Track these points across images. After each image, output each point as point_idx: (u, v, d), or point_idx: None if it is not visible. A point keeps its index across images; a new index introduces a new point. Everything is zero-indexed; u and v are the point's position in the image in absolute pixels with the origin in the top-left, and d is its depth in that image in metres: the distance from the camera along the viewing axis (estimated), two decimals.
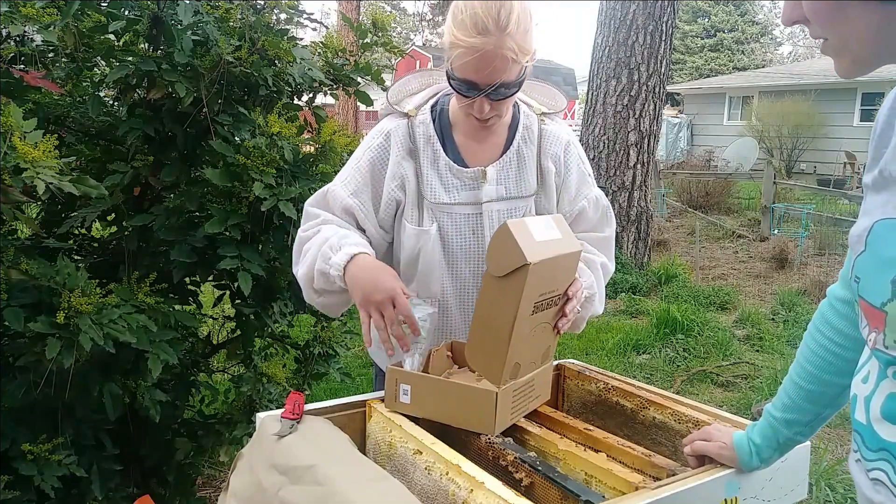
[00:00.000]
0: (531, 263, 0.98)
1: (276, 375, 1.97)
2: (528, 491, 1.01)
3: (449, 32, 1.14)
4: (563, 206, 1.34)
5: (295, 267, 1.27)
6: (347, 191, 1.27)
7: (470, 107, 1.19)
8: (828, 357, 0.91)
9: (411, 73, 1.36)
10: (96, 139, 1.84)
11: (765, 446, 0.99)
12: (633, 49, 5.89)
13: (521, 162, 1.30)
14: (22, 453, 1.45)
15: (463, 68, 1.13)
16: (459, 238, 1.28)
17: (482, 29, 1.09)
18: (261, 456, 1.09)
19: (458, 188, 1.28)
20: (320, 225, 1.25)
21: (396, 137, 1.27)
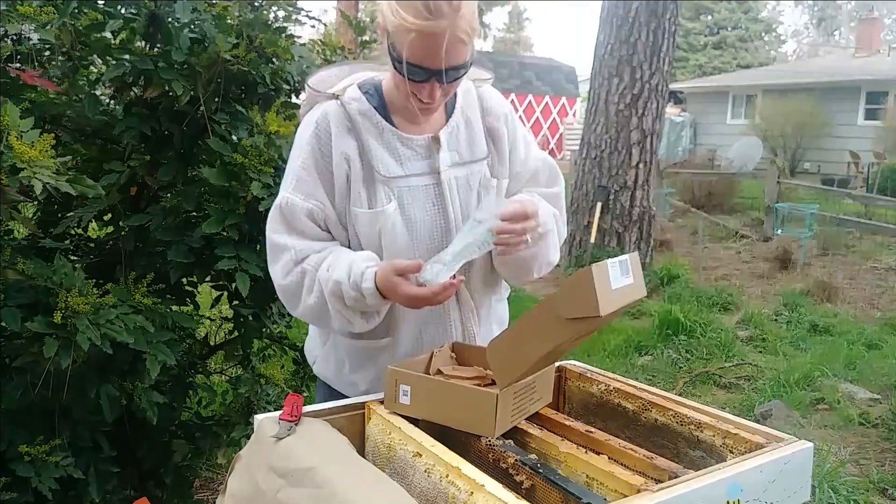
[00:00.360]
0: (602, 316, 0.96)
1: (274, 377, 1.96)
2: (529, 493, 0.99)
3: (393, 14, 1.06)
4: (516, 167, 1.31)
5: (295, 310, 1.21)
6: (300, 195, 1.17)
7: (419, 92, 1.12)
8: None
9: (327, 68, 1.29)
10: (93, 138, 1.83)
11: None
12: (635, 47, 5.87)
13: (469, 125, 1.26)
14: (19, 455, 1.45)
15: (414, 53, 1.06)
16: (422, 212, 1.21)
17: (435, 11, 1.04)
18: (259, 458, 1.08)
19: (410, 158, 1.21)
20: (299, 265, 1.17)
21: (333, 117, 1.18)
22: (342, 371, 1.30)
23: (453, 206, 1.22)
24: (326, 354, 1.32)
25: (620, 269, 1.01)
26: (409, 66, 1.08)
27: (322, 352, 1.33)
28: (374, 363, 1.27)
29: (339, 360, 1.30)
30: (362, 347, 1.27)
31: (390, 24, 1.08)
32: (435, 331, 1.27)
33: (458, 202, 1.23)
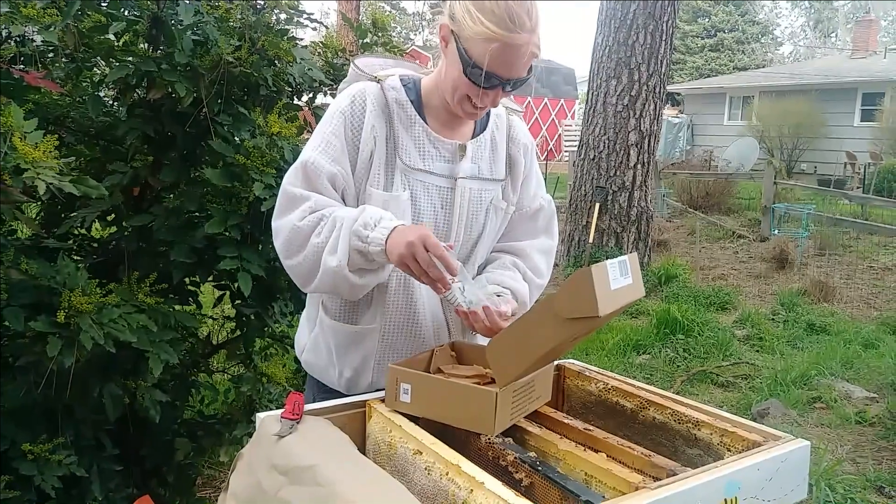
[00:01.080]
0: (601, 316, 0.97)
1: (275, 375, 1.97)
2: (528, 491, 1.00)
3: (473, 21, 1.08)
4: (524, 200, 1.35)
5: (293, 258, 1.17)
6: (327, 158, 1.17)
7: (478, 97, 1.14)
8: None
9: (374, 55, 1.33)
10: (96, 139, 1.84)
11: None
12: (633, 49, 5.89)
13: (494, 147, 1.30)
14: (22, 453, 1.46)
15: (492, 61, 1.09)
16: (430, 209, 1.23)
17: (519, 24, 1.08)
18: (260, 456, 1.09)
19: (433, 157, 1.23)
20: (317, 212, 1.15)
21: (370, 96, 1.20)
22: (330, 358, 1.30)
23: (460, 214, 1.25)
24: (314, 342, 1.32)
25: (620, 269, 1.03)
26: (477, 71, 1.11)
27: (310, 340, 1.34)
28: (359, 349, 1.27)
29: (327, 348, 1.30)
30: (349, 332, 1.27)
31: (468, 29, 1.09)
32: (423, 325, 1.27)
33: (465, 211, 1.26)
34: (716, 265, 6.77)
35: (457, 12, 1.11)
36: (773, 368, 3.97)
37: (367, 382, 1.30)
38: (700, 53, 26.15)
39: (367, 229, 1.11)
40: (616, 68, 5.97)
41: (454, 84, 1.15)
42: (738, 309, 5.14)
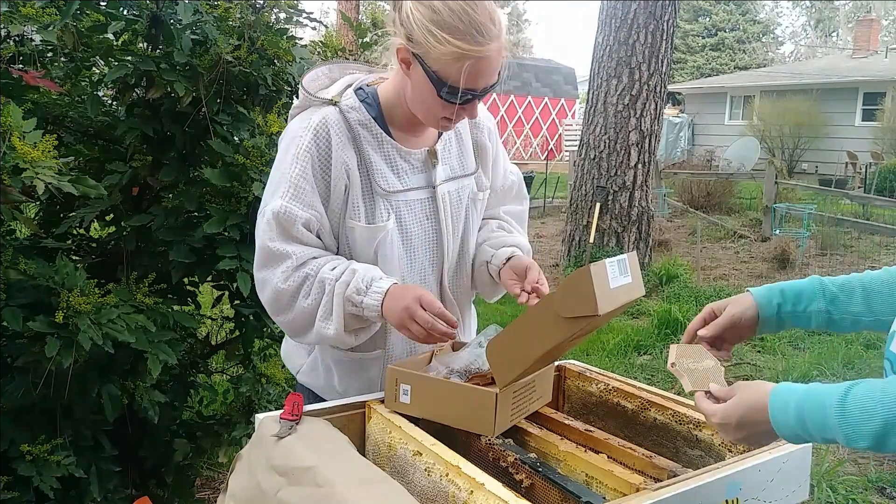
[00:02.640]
0: (600, 315, 0.97)
1: (275, 376, 1.96)
2: (529, 492, 1.00)
3: (439, 41, 1.02)
4: (497, 181, 1.36)
5: (280, 315, 1.16)
6: (299, 204, 1.13)
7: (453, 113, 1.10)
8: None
9: (317, 67, 1.25)
10: (95, 139, 1.83)
11: (794, 300, 0.99)
12: (634, 48, 5.88)
13: (459, 138, 1.28)
14: (21, 454, 1.45)
15: (468, 79, 1.04)
16: (418, 227, 1.22)
17: (486, 34, 1.03)
18: (260, 457, 1.09)
19: (408, 172, 1.20)
20: (299, 269, 1.13)
21: (333, 127, 1.14)
22: (331, 381, 1.27)
23: (446, 220, 1.24)
24: (313, 363, 1.29)
25: (618, 268, 1.02)
26: (450, 89, 1.06)
27: (308, 361, 1.30)
28: (364, 374, 1.26)
29: (327, 369, 1.27)
30: (353, 359, 1.25)
31: (434, 51, 1.03)
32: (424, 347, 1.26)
33: (449, 216, 1.25)
34: (717, 265, 6.77)
35: (415, 34, 1.04)
36: (775, 369, 3.96)
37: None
38: (701, 53, 26.15)
39: (361, 295, 1.10)
40: (617, 68, 5.96)
41: (427, 106, 1.11)
42: None
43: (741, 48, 26.10)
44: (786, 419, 0.82)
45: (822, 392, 0.80)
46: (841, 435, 0.77)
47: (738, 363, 4.11)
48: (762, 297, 1.02)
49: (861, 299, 0.99)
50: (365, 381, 1.26)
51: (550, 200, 9.97)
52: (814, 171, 14.13)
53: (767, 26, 28.06)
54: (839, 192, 9.68)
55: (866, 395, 0.75)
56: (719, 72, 23.75)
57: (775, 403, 0.83)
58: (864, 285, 0.99)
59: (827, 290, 1.01)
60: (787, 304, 1.01)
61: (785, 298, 1.01)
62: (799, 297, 1.01)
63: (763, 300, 1.02)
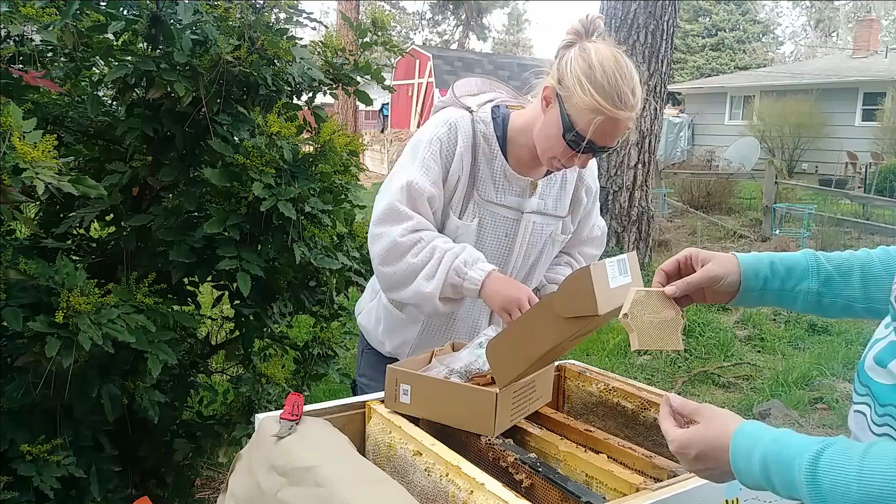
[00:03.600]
0: (600, 315, 0.97)
1: (275, 376, 1.96)
2: (529, 492, 1.00)
3: (584, 92, 1.16)
4: (582, 231, 1.51)
5: (387, 266, 1.29)
6: (428, 180, 1.29)
7: (569, 158, 1.24)
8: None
9: (472, 76, 1.43)
10: (95, 139, 1.83)
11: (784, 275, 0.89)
12: (633, 48, 5.88)
13: (563, 185, 1.42)
14: (21, 454, 1.45)
15: (594, 132, 1.18)
16: (494, 237, 1.38)
17: (624, 102, 1.17)
18: (260, 457, 1.09)
19: (506, 191, 1.36)
20: (416, 232, 1.27)
21: (462, 129, 1.31)
22: (377, 328, 1.47)
23: (521, 244, 1.39)
24: (370, 310, 1.51)
25: (618, 268, 1.02)
26: (577, 136, 1.20)
27: (368, 307, 1.52)
28: (402, 333, 1.44)
29: (378, 319, 1.47)
30: (397, 317, 1.42)
31: (576, 97, 1.17)
32: (464, 334, 1.43)
33: (526, 242, 1.40)
34: None
35: (566, 79, 1.19)
36: (775, 369, 3.96)
37: (403, 356, 1.44)
38: (701, 53, 26.15)
39: (467, 266, 1.24)
40: None
41: (548, 142, 1.25)
42: (740, 310, 5.13)
43: (741, 48, 26.09)
44: (749, 469, 0.73)
45: (790, 446, 0.70)
46: (810, 502, 0.68)
47: (738, 363, 4.11)
48: (749, 267, 0.92)
49: (858, 283, 0.89)
50: (401, 339, 1.44)
51: None
52: (814, 171, 14.13)
53: (767, 26, 28.06)
54: (839, 192, 9.68)
55: (841, 467, 0.66)
56: (719, 72, 23.75)
57: (738, 449, 0.74)
58: (864, 267, 0.89)
59: (822, 268, 0.90)
60: (776, 279, 0.91)
61: (774, 272, 0.91)
62: (790, 272, 0.91)
63: (749, 270, 0.91)
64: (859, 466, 0.64)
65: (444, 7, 29.36)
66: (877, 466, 0.63)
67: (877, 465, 0.64)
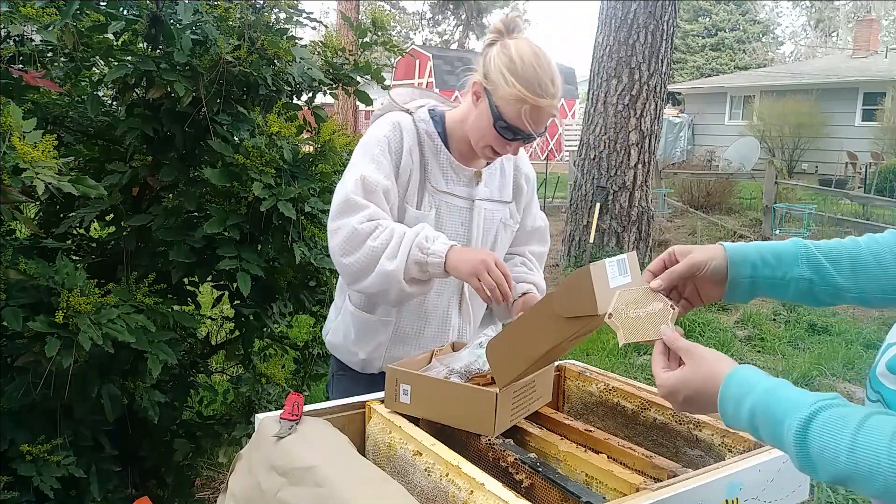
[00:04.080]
0: (600, 315, 0.96)
1: (275, 376, 1.96)
2: (529, 492, 1.00)
3: (508, 84, 1.26)
4: (527, 221, 1.56)
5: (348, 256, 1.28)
6: (381, 174, 1.33)
7: (501, 146, 1.33)
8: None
9: (405, 87, 1.49)
10: (95, 139, 1.83)
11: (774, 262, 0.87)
12: (634, 48, 5.88)
13: (503, 173, 1.50)
14: (21, 454, 1.45)
15: (521, 120, 1.28)
16: (452, 226, 1.42)
17: (545, 90, 1.27)
18: (260, 457, 1.09)
19: (455, 182, 1.42)
20: (373, 220, 1.28)
21: (406, 127, 1.38)
22: (348, 340, 1.46)
23: (477, 231, 1.44)
24: (337, 327, 1.50)
25: (618, 267, 1.02)
26: (506, 126, 1.29)
27: (334, 324, 1.51)
28: (374, 336, 1.43)
29: (347, 331, 1.47)
30: (367, 320, 1.43)
31: (501, 90, 1.27)
32: (435, 328, 1.43)
33: (482, 229, 1.45)
34: None
35: (491, 74, 1.28)
36: (775, 369, 3.96)
37: (379, 365, 1.44)
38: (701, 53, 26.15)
39: (429, 242, 1.25)
40: (617, 68, 5.96)
41: (481, 133, 1.33)
42: (740, 309, 5.13)
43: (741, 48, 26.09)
44: (736, 416, 0.73)
45: (782, 402, 0.69)
46: (796, 461, 0.68)
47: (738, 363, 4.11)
48: (735, 252, 0.89)
49: (848, 271, 0.88)
50: (373, 344, 1.43)
51: (550, 200, 9.97)
52: (814, 171, 14.13)
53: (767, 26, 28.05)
54: (839, 192, 9.68)
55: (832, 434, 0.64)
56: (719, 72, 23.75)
57: (727, 396, 0.73)
58: (853, 255, 0.88)
59: (811, 255, 0.89)
60: (766, 267, 0.88)
61: (763, 260, 0.89)
62: (780, 259, 0.88)
63: (737, 257, 0.89)
64: (853, 437, 0.63)
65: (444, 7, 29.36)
66: (871, 440, 0.62)
67: (871, 438, 0.62)
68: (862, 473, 0.62)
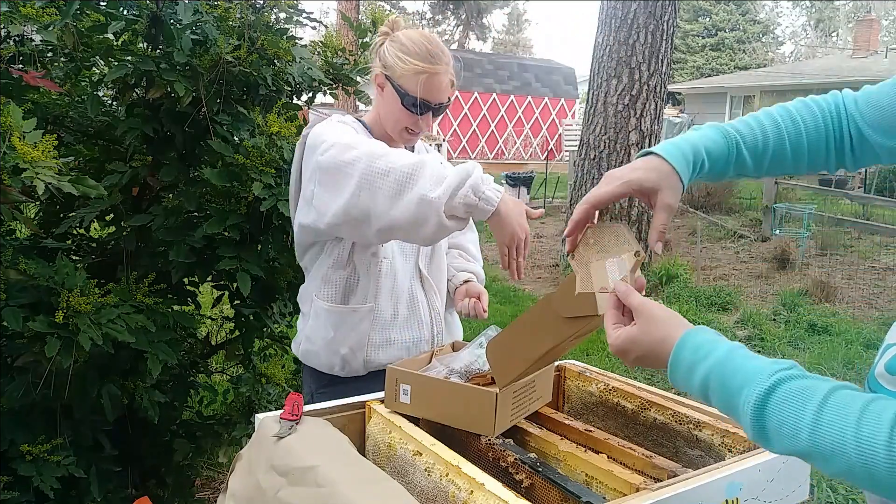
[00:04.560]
0: (600, 315, 0.96)
1: (275, 376, 1.96)
2: (529, 492, 1.00)
3: (402, 62, 1.36)
4: None
5: (339, 197, 1.22)
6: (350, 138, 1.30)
7: (415, 123, 1.41)
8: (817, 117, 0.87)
9: (325, 108, 1.55)
10: (95, 139, 1.83)
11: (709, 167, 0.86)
12: (634, 48, 5.88)
13: None
14: (21, 454, 1.45)
15: (422, 90, 1.37)
16: None
17: (435, 57, 1.37)
18: (260, 457, 1.09)
19: None
20: (363, 149, 1.22)
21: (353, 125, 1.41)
22: (327, 340, 1.43)
23: None
24: (311, 331, 1.45)
25: (618, 267, 1.02)
26: (412, 100, 1.37)
27: (307, 331, 1.46)
28: (355, 327, 1.41)
29: (324, 332, 1.43)
30: (344, 312, 1.41)
31: (399, 69, 1.37)
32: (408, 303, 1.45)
33: None
34: (717, 265, 6.77)
35: (388, 61, 1.38)
36: None
37: (363, 357, 1.42)
38: (701, 53, 26.15)
39: (484, 185, 1.19)
40: (617, 68, 5.96)
41: (394, 118, 1.41)
42: (740, 309, 5.13)
43: (741, 48, 26.09)
44: (687, 383, 0.71)
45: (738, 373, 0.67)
46: (749, 433, 0.66)
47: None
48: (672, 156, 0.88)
49: (766, 167, 0.89)
50: (355, 337, 1.41)
51: (550, 200, 9.97)
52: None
53: (767, 26, 28.05)
54: (839, 192, 9.67)
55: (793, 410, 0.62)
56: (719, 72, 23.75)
57: (679, 362, 0.72)
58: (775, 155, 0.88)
59: (741, 157, 0.89)
60: (703, 173, 0.89)
61: (701, 167, 0.89)
62: (713, 165, 0.89)
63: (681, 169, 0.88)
64: (816, 415, 0.61)
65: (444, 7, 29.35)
66: (836, 419, 0.60)
67: (836, 417, 0.60)
68: (823, 452, 0.60)
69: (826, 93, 0.96)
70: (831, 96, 0.92)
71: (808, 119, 0.90)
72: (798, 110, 0.92)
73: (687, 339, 0.73)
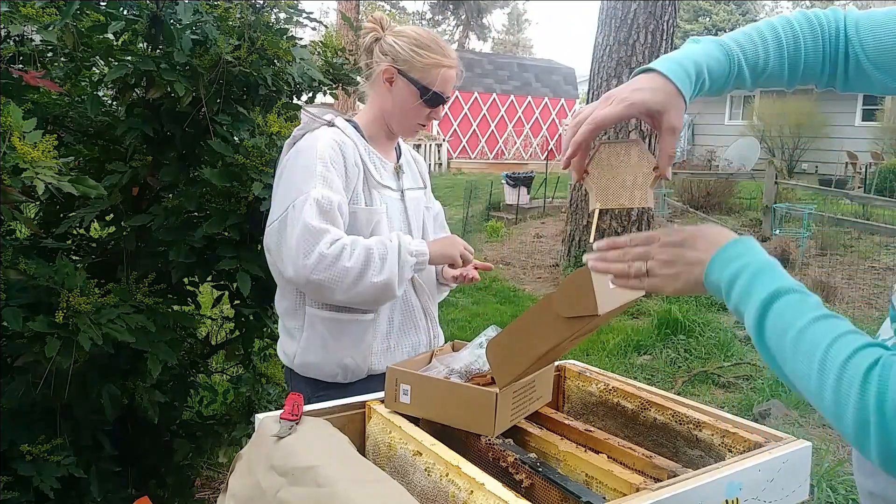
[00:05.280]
0: (600, 315, 0.96)
1: (275, 376, 1.96)
2: (529, 492, 1.00)
3: (422, 56, 1.39)
4: (433, 204, 1.66)
5: (317, 274, 1.28)
6: (333, 191, 1.34)
7: (427, 117, 1.46)
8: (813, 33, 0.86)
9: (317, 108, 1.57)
10: (95, 139, 1.83)
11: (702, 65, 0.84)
12: (634, 48, 5.88)
13: (409, 164, 1.60)
14: (21, 454, 1.45)
15: (441, 84, 1.41)
16: (397, 218, 1.50)
17: (450, 51, 1.43)
18: (260, 457, 1.09)
19: (387, 177, 1.51)
20: (336, 242, 1.30)
21: (336, 136, 1.42)
22: (327, 350, 1.41)
23: (414, 220, 1.53)
24: (306, 344, 1.43)
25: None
26: (435, 95, 1.42)
27: (302, 344, 1.44)
28: (357, 339, 1.42)
29: (322, 341, 1.41)
30: (345, 319, 1.40)
31: (419, 63, 1.39)
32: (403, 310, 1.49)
33: (413, 215, 1.53)
34: None
35: (400, 55, 1.39)
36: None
37: (366, 368, 1.43)
38: None
39: (412, 245, 1.37)
40: (617, 68, 5.96)
41: (408, 112, 1.44)
42: None
43: None
44: (721, 275, 0.76)
45: (771, 272, 0.75)
46: (751, 322, 0.72)
47: (738, 363, 4.11)
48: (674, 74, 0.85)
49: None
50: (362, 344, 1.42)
51: (550, 200, 9.97)
52: (814, 171, 14.13)
53: None
54: (839, 192, 9.67)
55: (784, 325, 0.68)
56: None
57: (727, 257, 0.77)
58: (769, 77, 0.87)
59: (742, 74, 0.88)
60: (703, 89, 0.88)
61: (702, 85, 0.87)
62: (713, 82, 0.88)
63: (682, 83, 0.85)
64: (795, 341, 0.67)
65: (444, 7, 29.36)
66: (809, 350, 0.66)
67: (809, 348, 0.66)
68: (800, 377, 0.66)
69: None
70: (832, 13, 0.90)
71: (808, 37, 0.88)
72: (801, 25, 0.89)
73: (740, 240, 0.79)
